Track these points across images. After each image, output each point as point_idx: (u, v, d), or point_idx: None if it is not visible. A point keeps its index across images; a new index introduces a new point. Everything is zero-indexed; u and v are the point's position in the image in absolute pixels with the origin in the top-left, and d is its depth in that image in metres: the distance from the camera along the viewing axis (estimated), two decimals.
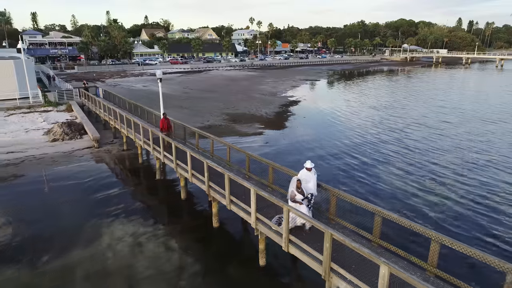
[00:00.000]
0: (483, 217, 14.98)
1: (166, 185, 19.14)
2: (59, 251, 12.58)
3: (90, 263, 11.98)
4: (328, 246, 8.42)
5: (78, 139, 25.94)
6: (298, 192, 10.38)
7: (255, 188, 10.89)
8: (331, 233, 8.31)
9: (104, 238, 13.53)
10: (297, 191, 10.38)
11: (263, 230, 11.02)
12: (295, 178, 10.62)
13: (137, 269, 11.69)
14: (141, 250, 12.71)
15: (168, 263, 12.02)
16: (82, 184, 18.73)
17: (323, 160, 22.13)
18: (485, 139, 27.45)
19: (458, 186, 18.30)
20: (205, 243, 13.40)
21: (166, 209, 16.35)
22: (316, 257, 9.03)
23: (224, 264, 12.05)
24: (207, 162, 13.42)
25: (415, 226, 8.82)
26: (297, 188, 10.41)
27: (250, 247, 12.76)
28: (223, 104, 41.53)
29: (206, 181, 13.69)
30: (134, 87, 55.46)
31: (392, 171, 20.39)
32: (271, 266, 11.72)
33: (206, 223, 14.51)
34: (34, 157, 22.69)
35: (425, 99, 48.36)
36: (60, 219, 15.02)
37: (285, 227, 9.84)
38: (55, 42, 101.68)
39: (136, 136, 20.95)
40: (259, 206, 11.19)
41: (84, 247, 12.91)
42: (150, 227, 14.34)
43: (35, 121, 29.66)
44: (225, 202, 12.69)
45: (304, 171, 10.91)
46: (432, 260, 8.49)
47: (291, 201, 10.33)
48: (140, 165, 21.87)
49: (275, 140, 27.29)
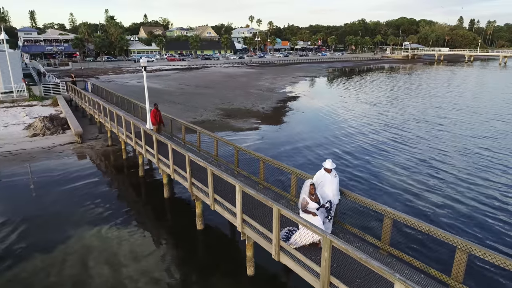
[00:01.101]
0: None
1: (150, 183, 17.46)
2: (22, 254, 10.89)
3: (54, 268, 10.28)
4: (327, 256, 6.71)
5: (60, 134, 24.25)
6: (312, 200, 8.11)
7: (241, 185, 9.18)
8: (331, 240, 6.60)
9: (74, 241, 11.85)
10: (310, 198, 8.13)
11: (251, 235, 9.32)
12: (308, 182, 8.28)
13: (101, 279, 9.98)
14: (113, 257, 11.00)
15: (143, 271, 10.32)
16: (59, 181, 17.07)
17: (320, 151, 20.46)
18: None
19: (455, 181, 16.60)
20: (187, 248, 11.68)
21: (147, 209, 14.61)
22: (313, 268, 7.33)
23: (208, 273, 10.35)
24: (188, 155, 11.70)
25: (436, 231, 7.06)
26: (309, 195, 8.15)
27: (237, 253, 11.05)
28: (219, 100, 39.82)
29: (188, 178, 11.99)
30: (128, 83, 53.80)
31: (390, 167, 18.70)
32: (261, 276, 10.01)
33: (190, 225, 12.78)
34: (10, 152, 21.02)
35: (425, 96, 46.57)
36: (31, 218, 13.33)
37: (275, 232, 8.12)
38: (51, 39, 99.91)
39: (119, 130, 19.26)
40: (247, 207, 9.51)
41: (52, 249, 11.25)
42: (127, 229, 12.65)
43: (17, 115, 27.97)
44: (208, 201, 10.99)
45: (321, 172, 8.66)
46: (458, 274, 6.77)
47: (302, 211, 8.16)
48: (124, 161, 20.18)
49: (271, 135, 25.61)
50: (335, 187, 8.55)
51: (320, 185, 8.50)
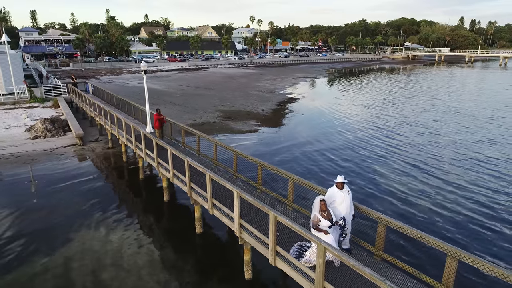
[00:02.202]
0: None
1: (150, 186, 17.66)
2: (24, 257, 11.09)
3: (56, 268, 10.48)
4: (321, 262, 6.89)
5: (61, 136, 24.45)
6: (323, 217, 7.76)
7: (238, 191, 9.36)
8: (325, 247, 6.78)
9: (75, 243, 12.06)
10: (322, 216, 7.78)
11: (248, 240, 9.50)
12: (318, 198, 7.97)
13: (104, 281, 10.18)
14: (112, 259, 11.20)
15: (142, 274, 10.51)
16: (60, 183, 17.25)
17: (319, 157, 20.63)
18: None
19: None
20: (186, 251, 11.88)
21: (147, 212, 14.79)
22: (308, 274, 7.51)
23: (206, 276, 10.55)
24: (187, 160, 11.89)
25: (427, 238, 7.24)
26: (321, 212, 7.81)
27: (235, 257, 11.23)
28: (219, 101, 40.01)
29: (187, 182, 12.17)
30: (129, 84, 53.99)
31: (387, 167, 18.89)
32: (258, 279, 10.20)
33: (188, 228, 12.98)
34: (11, 155, 21.22)
35: (423, 98, 46.69)
36: (32, 220, 13.54)
37: (271, 238, 8.31)
38: (52, 39, 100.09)
39: (120, 133, 19.45)
40: (245, 211, 9.71)
41: (54, 250, 11.46)
42: (128, 232, 12.86)
43: (18, 117, 28.17)
44: (207, 206, 11.18)
45: (333, 189, 8.38)
46: (448, 280, 6.95)
47: (314, 229, 7.81)
48: (125, 163, 20.34)
49: (270, 137, 25.78)
50: (348, 203, 8.27)
51: (332, 202, 8.27)
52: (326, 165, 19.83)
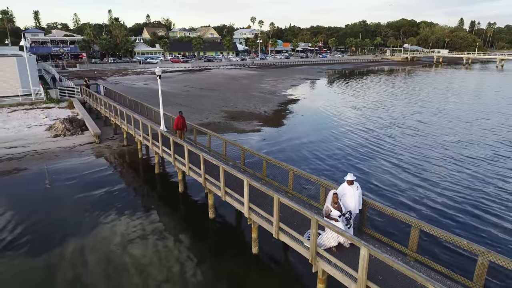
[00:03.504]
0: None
1: (165, 179, 19.67)
2: (57, 241, 13.10)
3: (86, 251, 12.50)
4: (314, 232, 8.88)
5: (79, 135, 26.48)
6: (334, 208, 9.09)
7: (248, 179, 11.39)
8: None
9: (102, 229, 14.03)
10: (333, 207, 9.10)
11: (256, 219, 11.52)
12: (331, 192, 9.33)
13: (134, 257, 12.18)
14: (139, 240, 13.21)
15: (164, 252, 12.52)
16: (82, 177, 19.25)
17: (317, 152, 22.68)
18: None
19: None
20: (201, 233, 13.91)
21: (164, 201, 16.82)
22: (305, 244, 9.51)
23: (219, 253, 12.56)
24: (203, 155, 13.93)
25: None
26: (333, 203, 9.08)
27: (243, 236, 13.28)
28: (223, 102, 42.03)
29: (202, 174, 14.19)
30: (135, 85, 55.98)
31: (383, 165, 20.91)
32: (263, 253, 12.23)
33: (202, 214, 15.02)
34: (36, 151, 23.24)
35: (416, 99, 48.67)
36: (61, 211, 15.50)
37: (275, 216, 10.32)
38: (57, 40, 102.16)
39: (136, 132, 21.47)
40: (252, 197, 11.69)
41: (81, 236, 13.42)
42: (148, 218, 14.86)
43: (37, 117, 30.21)
44: (220, 193, 13.20)
45: (344, 185, 9.64)
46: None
47: (326, 217, 9.23)
48: (140, 159, 22.37)
49: (272, 136, 27.80)
50: (356, 199, 9.43)
51: (343, 195, 9.51)
52: (323, 158, 21.85)
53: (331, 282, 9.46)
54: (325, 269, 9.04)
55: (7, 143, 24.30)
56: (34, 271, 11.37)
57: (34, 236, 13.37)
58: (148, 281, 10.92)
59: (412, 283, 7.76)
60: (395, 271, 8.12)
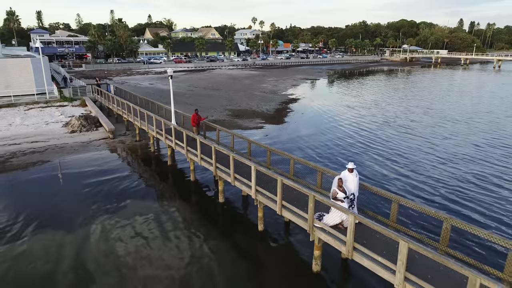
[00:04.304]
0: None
1: (177, 170, 21.53)
2: (88, 218, 15.00)
3: (110, 231, 14.37)
4: (312, 206, 10.74)
5: (94, 131, 28.36)
6: (340, 191, 10.56)
7: (255, 165, 13.27)
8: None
9: (124, 212, 15.87)
10: (339, 190, 10.58)
11: (262, 200, 13.39)
12: (336, 177, 10.81)
13: (153, 233, 14.05)
14: (156, 221, 15.05)
15: (180, 230, 14.37)
16: (102, 168, 21.14)
17: (315, 147, 24.57)
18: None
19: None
20: (212, 215, 15.79)
21: (177, 189, 18.69)
22: (304, 216, 11.36)
23: (229, 231, 14.43)
24: (214, 146, 15.82)
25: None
26: (338, 187, 10.57)
27: (250, 217, 15.17)
28: (226, 101, 43.92)
29: (213, 163, 16.06)
30: (141, 85, 57.87)
31: (375, 158, 22.81)
32: (268, 230, 14.10)
33: (213, 199, 16.93)
34: (56, 146, 25.14)
35: (406, 102, 50.53)
36: (84, 198, 17.33)
37: (279, 195, 12.18)
38: (62, 40, 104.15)
39: (149, 127, 23.34)
40: (258, 182, 13.53)
41: (106, 218, 15.28)
42: (164, 203, 16.74)
43: (53, 114, 32.11)
44: (229, 179, 15.06)
45: (345, 171, 11.10)
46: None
47: (332, 199, 10.61)
48: (152, 153, 24.27)
49: (274, 133, 29.69)
50: (356, 184, 11.02)
51: (345, 181, 10.91)
52: (320, 151, 23.73)
53: (325, 249, 11.35)
54: (320, 237, 10.90)
55: (28, 138, 26.20)
56: (69, 244, 13.25)
57: (67, 214, 15.26)
58: (165, 253, 12.72)
59: (389, 242, 9.60)
60: (377, 236, 9.99)
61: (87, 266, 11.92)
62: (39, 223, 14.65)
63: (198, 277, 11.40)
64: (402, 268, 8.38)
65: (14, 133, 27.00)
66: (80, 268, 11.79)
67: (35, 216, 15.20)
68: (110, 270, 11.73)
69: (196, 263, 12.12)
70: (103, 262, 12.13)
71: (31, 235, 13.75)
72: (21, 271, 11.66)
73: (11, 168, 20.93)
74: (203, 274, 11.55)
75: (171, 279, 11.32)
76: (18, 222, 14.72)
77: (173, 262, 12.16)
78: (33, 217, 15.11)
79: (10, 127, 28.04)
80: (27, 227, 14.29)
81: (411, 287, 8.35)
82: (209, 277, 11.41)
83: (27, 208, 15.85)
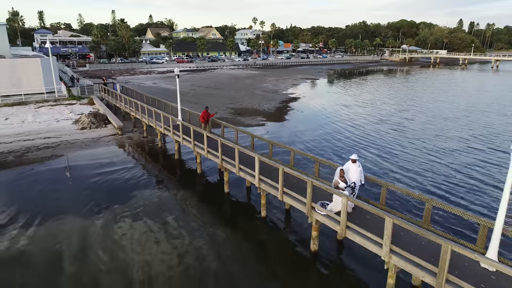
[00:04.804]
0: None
1: (183, 163, 22.82)
2: (104, 204, 16.30)
3: (125, 215, 15.66)
4: (310, 191, 12.03)
5: (103, 128, 29.66)
6: (341, 181, 11.39)
7: (259, 156, 14.57)
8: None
9: (135, 199, 17.16)
10: (340, 179, 11.41)
11: (264, 188, 14.67)
12: (338, 168, 11.69)
13: (165, 220, 15.33)
14: (166, 208, 16.32)
15: (188, 216, 15.65)
16: (113, 161, 22.44)
17: (313, 142, 25.88)
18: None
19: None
20: (219, 203, 17.09)
21: (185, 180, 19.98)
22: (302, 201, 12.65)
23: (234, 217, 15.74)
24: (220, 140, 17.11)
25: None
26: (340, 177, 11.42)
27: (253, 205, 16.47)
28: (228, 100, 45.21)
29: (219, 155, 17.33)
30: (145, 84, 59.16)
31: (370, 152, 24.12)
32: (270, 215, 15.40)
33: (218, 189, 18.23)
34: (68, 141, 26.44)
35: (400, 100, 51.83)
36: (98, 188, 18.62)
37: (280, 183, 13.47)
38: (65, 41, 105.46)
39: (157, 124, 24.62)
40: (261, 172, 14.82)
41: (122, 204, 16.58)
42: (172, 192, 18.04)
43: (62, 112, 33.42)
44: (235, 170, 16.35)
45: (349, 162, 11.96)
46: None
47: (334, 188, 11.39)
48: (160, 148, 25.57)
49: (275, 130, 30.99)
50: (358, 174, 11.83)
51: (347, 171, 11.82)
52: (318, 145, 25.03)
53: (322, 230, 12.65)
54: (318, 218, 12.18)
55: (41, 134, 27.51)
56: (91, 227, 14.56)
57: (84, 201, 16.58)
58: (174, 236, 14.03)
59: (378, 221, 10.88)
60: (368, 216, 11.29)
61: (99, 245, 13.22)
62: (62, 207, 15.98)
63: (206, 256, 12.67)
64: (388, 241, 9.67)
65: (27, 129, 28.30)
66: (94, 245, 13.10)
67: (57, 200, 16.53)
68: (120, 247, 13.03)
69: (205, 244, 13.40)
70: (116, 239, 13.44)
71: (55, 219, 15.05)
72: (47, 250, 12.97)
73: (27, 162, 22.22)
74: (211, 253, 12.83)
75: (180, 258, 12.59)
76: (44, 209, 16.01)
77: (182, 244, 13.42)
78: (55, 202, 16.45)
79: (23, 124, 29.34)
80: (50, 211, 15.60)
81: (395, 258, 9.66)
82: (218, 257, 12.66)
83: (48, 196, 17.20)
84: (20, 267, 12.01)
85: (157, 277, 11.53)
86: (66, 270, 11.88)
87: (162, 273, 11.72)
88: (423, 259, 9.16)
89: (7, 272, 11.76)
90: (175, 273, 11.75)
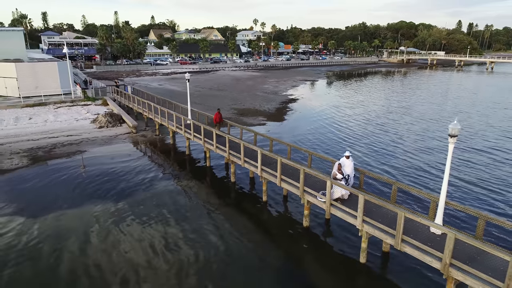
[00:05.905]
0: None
1: (194, 159, 25.74)
2: (127, 192, 19.22)
3: (141, 203, 18.59)
4: (302, 178, 14.92)
5: (118, 127, 32.60)
6: (339, 173, 13.77)
7: (261, 149, 17.51)
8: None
9: (154, 188, 20.06)
10: (338, 172, 13.75)
11: (266, 176, 17.58)
12: (337, 163, 14.07)
13: (177, 205, 18.23)
14: (179, 195, 19.19)
15: (198, 202, 18.55)
16: (130, 156, 25.34)
17: (312, 138, 28.81)
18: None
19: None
20: (226, 191, 20.02)
21: (195, 173, 22.89)
22: (296, 185, 15.56)
23: (239, 202, 18.67)
24: (228, 136, 20.06)
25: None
26: (337, 170, 13.73)
27: (255, 191, 19.41)
28: (231, 101, 48.14)
29: (227, 150, 20.25)
30: (151, 86, 62.10)
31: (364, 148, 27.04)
32: (271, 200, 18.35)
33: (225, 180, 21.17)
34: (88, 139, 29.37)
35: (396, 100, 54.74)
36: (119, 179, 21.42)
37: (279, 171, 16.38)
38: (72, 42, 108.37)
39: (169, 123, 27.54)
40: (262, 163, 17.72)
41: (144, 190, 19.49)
42: (183, 182, 20.94)
43: (79, 112, 36.37)
44: (240, 162, 19.26)
45: (343, 158, 14.28)
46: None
47: (333, 179, 13.68)
48: (171, 145, 28.49)
49: (275, 129, 33.92)
50: (351, 168, 14.20)
51: (343, 166, 14.06)
52: (316, 142, 27.96)
53: (312, 210, 15.59)
54: (308, 199, 15.09)
55: (64, 132, 30.47)
56: (117, 211, 17.49)
57: (115, 186, 19.52)
58: (186, 215, 16.97)
59: (356, 200, 13.79)
60: (350, 198, 14.22)
61: (128, 219, 16.17)
62: (96, 189, 18.97)
63: (214, 235, 15.51)
64: (361, 213, 12.59)
65: (51, 128, 31.26)
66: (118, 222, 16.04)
67: (90, 185, 19.50)
68: (142, 227, 15.96)
69: (213, 224, 16.24)
70: (136, 218, 16.38)
71: (89, 199, 18.01)
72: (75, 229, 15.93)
73: (56, 157, 25.15)
74: (219, 232, 15.68)
75: (191, 236, 15.48)
76: (77, 190, 18.96)
77: (194, 224, 16.21)
78: (88, 186, 19.44)
79: (46, 123, 32.30)
80: (86, 194, 18.56)
81: (367, 226, 12.58)
82: (226, 232, 15.59)
83: (79, 182, 20.17)
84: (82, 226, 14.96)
85: (175, 239, 14.46)
86: (102, 237, 14.81)
87: (179, 238, 14.66)
88: (387, 226, 12.08)
89: (69, 226, 14.70)
90: (190, 239, 14.68)
